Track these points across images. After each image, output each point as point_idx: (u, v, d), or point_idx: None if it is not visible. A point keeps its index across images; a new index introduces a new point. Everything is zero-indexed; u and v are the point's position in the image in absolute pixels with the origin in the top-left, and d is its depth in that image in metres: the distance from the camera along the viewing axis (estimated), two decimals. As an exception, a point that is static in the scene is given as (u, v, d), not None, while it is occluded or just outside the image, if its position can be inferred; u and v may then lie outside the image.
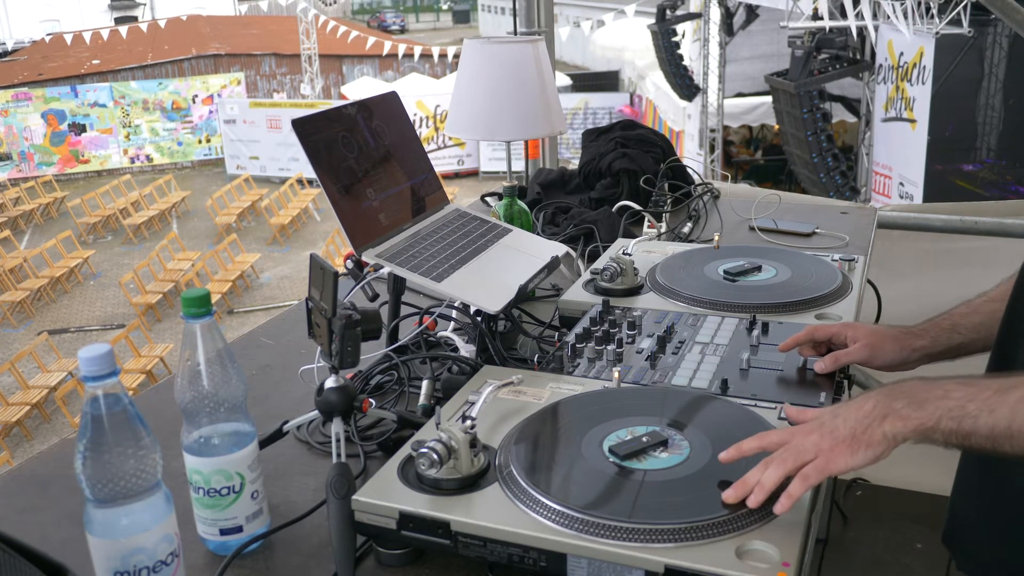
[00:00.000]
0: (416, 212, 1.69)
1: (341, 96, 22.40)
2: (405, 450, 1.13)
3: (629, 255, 1.77)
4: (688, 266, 1.81)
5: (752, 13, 14.22)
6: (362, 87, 21.34)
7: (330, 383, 1.17)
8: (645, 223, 2.23)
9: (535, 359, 1.44)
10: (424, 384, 1.43)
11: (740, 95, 15.06)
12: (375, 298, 1.57)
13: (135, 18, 34.66)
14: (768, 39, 14.12)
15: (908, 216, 2.95)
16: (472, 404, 1.18)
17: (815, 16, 10.37)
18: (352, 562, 1.05)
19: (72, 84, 21.84)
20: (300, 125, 1.48)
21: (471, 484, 1.06)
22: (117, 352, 1.21)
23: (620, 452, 1.09)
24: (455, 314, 1.61)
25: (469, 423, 1.10)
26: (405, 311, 1.60)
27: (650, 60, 16.66)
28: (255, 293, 14.46)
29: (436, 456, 1.05)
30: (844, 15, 9.54)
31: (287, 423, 1.29)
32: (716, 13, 13.75)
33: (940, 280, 2.84)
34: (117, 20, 33.10)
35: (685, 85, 14.98)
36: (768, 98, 12.38)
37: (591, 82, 22.99)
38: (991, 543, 1.31)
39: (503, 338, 1.57)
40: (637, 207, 2.27)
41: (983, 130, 9.71)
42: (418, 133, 2.03)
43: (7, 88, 21.33)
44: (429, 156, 1.78)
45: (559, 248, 1.74)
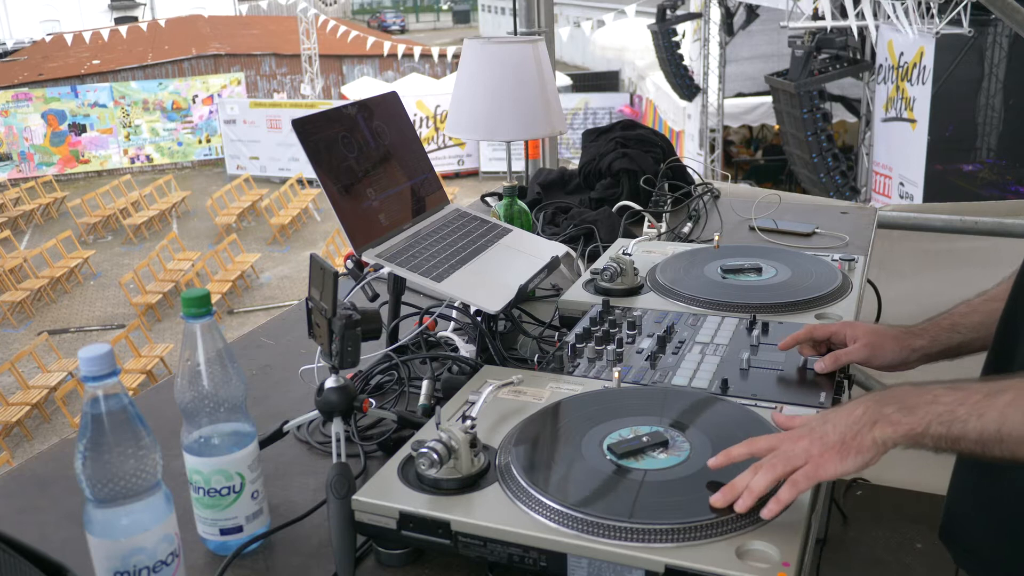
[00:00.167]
0: (416, 212, 1.69)
1: (341, 96, 22.40)
2: (405, 450, 1.13)
3: (629, 255, 1.77)
4: (688, 266, 1.81)
5: (752, 13, 14.22)
6: (362, 87, 21.35)
7: (330, 383, 1.17)
8: (645, 223, 2.23)
9: (535, 359, 1.44)
10: (424, 384, 1.43)
11: (740, 95, 15.07)
12: (375, 298, 1.57)
13: (135, 18, 34.69)
14: (768, 39, 14.12)
15: (908, 216, 2.95)
16: (472, 404, 1.18)
17: (815, 16, 10.37)
18: (352, 562, 1.05)
19: (72, 84, 21.84)
20: (300, 125, 1.48)
21: (471, 484, 1.06)
22: (117, 352, 1.21)
23: (619, 451, 1.09)
24: (455, 314, 1.61)
25: (469, 423, 1.10)
26: (405, 311, 1.60)
27: (650, 60, 16.66)
28: (255, 293, 14.46)
29: (436, 456, 1.05)
30: (844, 15, 9.54)
31: (287, 423, 1.29)
32: (716, 13, 13.76)
33: (940, 280, 2.84)
34: (117, 20, 33.12)
35: (685, 85, 14.98)
36: (768, 98, 12.39)
37: (591, 82, 23.00)
38: (988, 539, 1.31)
39: (503, 338, 1.57)
40: (637, 207, 2.27)
41: (983, 130, 9.71)
42: (418, 133, 2.03)
43: (7, 88, 21.34)
44: (429, 156, 1.78)
45: (559, 248, 1.74)
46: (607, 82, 23.34)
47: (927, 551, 2.68)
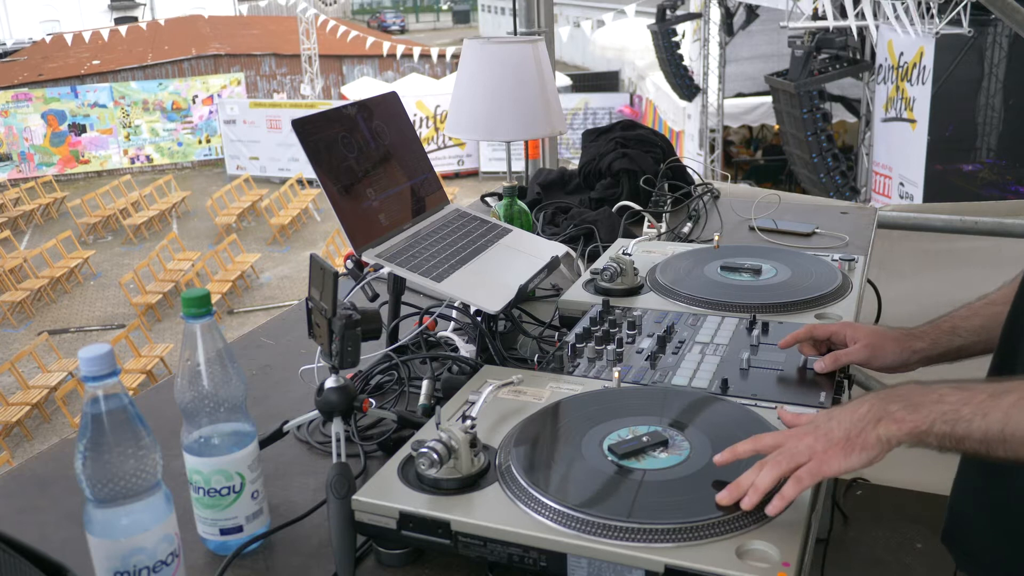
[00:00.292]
0: (416, 212, 1.69)
1: (341, 96, 22.40)
2: (405, 450, 1.13)
3: (629, 255, 1.77)
4: (688, 266, 1.81)
5: (752, 13, 14.21)
6: (362, 87, 21.34)
7: (330, 383, 1.17)
8: (645, 223, 2.23)
9: (535, 359, 1.44)
10: (424, 384, 1.43)
11: (740, 95, 15.06)
12: (375, 298, 1.57)
13: (135, 18, 34.70)
14: (768, 39, 14.12)
15: (908, 216, 2.96)
16: (472, 404, 1.18)
17: (815, 16, 10.37)
18: (352, 562, 1.05)
19: (72, 84, 21.84)
20: (300, 125, 1.48)
21: (471, 484, 1.06)
22: (117, 352, 1.21)
23: (619, 451, 1.09)
24: (455, 314, 1.61)
25: (469, 423, 1.10)
26: (405, 311, 1.60)
27: (650, 60, 16.65)
28: (255, 293, 14.46)
29: (436, 456, 1.05)
30: (844, 15, 9.53)
31: (287, 423, 1.29)
32: (716, 13, 13.75)
33: (940, 280, 2.84)
34: (117, 20, 33.12)
35: (685, 85, 14.98)
36: (768, 98, 12.38)
37: (591, 82, 22.99)
38: (991, 543, 1.31)
39: (503, 338, 1.57)
40: (637, 207, 2.27)
41: (983, 130, 9.71)
42: (418, 133, 2.03)
43: (7, 88, 21.33)
44: (429, 156, 1.78)
45: (559, 248, 1.74)
46: (607, 82, 23.33)
47: (927, 551, 2.69)
